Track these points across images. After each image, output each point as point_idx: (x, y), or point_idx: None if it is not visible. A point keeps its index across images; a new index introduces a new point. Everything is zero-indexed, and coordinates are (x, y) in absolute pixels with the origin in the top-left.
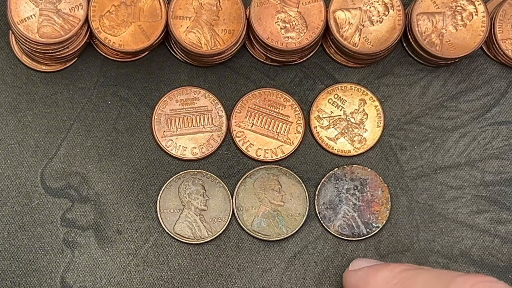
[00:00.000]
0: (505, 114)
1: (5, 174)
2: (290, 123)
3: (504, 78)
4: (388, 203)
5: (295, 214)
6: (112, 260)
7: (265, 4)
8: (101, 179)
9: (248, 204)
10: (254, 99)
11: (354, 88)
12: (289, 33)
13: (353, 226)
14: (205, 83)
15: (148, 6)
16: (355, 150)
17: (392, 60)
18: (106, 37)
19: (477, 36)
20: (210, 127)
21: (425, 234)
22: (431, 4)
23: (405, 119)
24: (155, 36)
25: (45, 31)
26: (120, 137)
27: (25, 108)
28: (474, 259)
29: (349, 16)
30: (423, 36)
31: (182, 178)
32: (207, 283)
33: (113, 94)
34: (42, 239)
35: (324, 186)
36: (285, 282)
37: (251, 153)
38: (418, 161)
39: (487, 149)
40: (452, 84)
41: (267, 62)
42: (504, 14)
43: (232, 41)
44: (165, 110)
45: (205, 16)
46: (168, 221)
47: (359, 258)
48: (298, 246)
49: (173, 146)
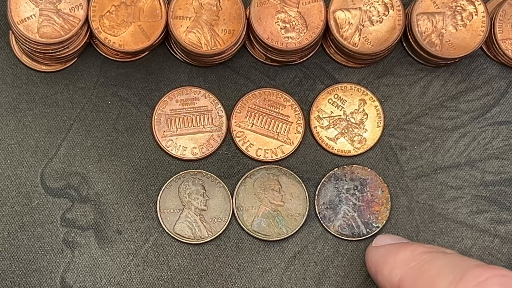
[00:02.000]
0: (505, 114)
1: (5, 174)
2: (290, 123)
3: (504, 78)
4: (388, 203)
5: (295, 214)
6: (112, 260)
7: (265, 4)
8: (101, 179)
9: (248, 204)
10: (254, 99)
11: (354, 88)
12: (289, 33)
13: (353, 226)
14: (205, 83)
15: (148, 6)
16: (355, 150)
17: (392, 60)
18: (106, 37)
19: (477, 36)
20: (210, 127)
21: (425, 234)
22: (431, 4)
23: (405, 119)
24: (155, 36)
25: (45, 31)
26: (120, 137)
27: (25, 108)
28: (474, 259)
29: (349, 16)
30: (423, 36)
31: (182, 178)
32: (207, 283)
33: (113, 94)
34: (42, 239)
35: (324, 186)
36: (285, 282)
37: (251, 153)
38: (418, 161)
39: (487, 149)
40: (452, 84)
41: (267, 62)
42: (504, 14)
43: (232, 41)
44: (165, 110)
45: (205, 16)
46: (168, 221)
47: (384, 234)
48: (298, 246)
49: (173, 146)
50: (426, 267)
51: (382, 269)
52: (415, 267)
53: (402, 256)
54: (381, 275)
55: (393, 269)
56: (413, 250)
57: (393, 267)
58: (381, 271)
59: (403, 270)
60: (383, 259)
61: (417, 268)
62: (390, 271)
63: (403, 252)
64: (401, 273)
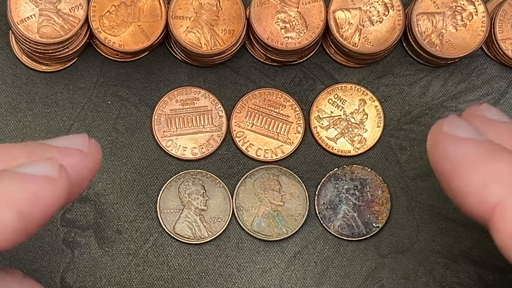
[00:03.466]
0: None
1: None
2: (290, 123)
3: (504, 78)
4: (388, 203)
5: (295, 214)
6: (112, 260)
7: (265, 4)
8: (101, 179)
9: (248, 204)
10: (254, 99)
11: (354, 88)
12: (289, 33)
13: (353, 226)
14: (205, 83)
15: (148, 6)
16: (355, 150)
17: (392, 60)
18: (106, 37)
19: (477, 36)
20: (210, 127)
21: (425, 234)
22: (431, 4)
23: (405, 119)
24: (155, 36)
25: (45, 31)
26: (120, 137)
27: (25, 108)
28: (474, 259)
29: (349, 16)
30: (423, 36)
31: (182, 178)
32: (207, 283)
33: (113, 94)
34: (42, 239)
35: (324, 186)
36: (285, 282)
37: (251, 153)
38: (418, 161)
39: None
40: (452, 84)
41: (267, 62)
42: (504, 14)
43: (232, 41)
44: (165, 110)
45: (205, 16)
46: (168, 221)
47: (459, 120)
48: (298, 246)
49: (173, 146)
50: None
51: (468, 174)
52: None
53: (500, 169)
54: (464, 181)
55: (488, 184)
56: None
57: (489, 181)
58: (467, 176)
59: (503, 191)
60: (469, 161)
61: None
62: (483, 184)
63: (502, 164)
64: (502, 194)
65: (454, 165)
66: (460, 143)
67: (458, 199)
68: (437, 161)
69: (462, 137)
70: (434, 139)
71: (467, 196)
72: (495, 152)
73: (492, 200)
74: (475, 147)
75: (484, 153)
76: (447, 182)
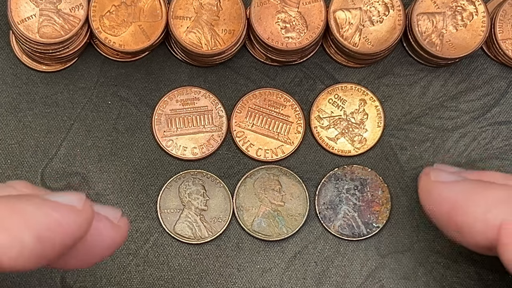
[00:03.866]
0: (505, 114)
1: (5, 174)
2: (290, 123)
3: (504, 78)
4: (388, 203)
5: (295, 214)
6: (112, 260)
7: (265, 4)
8: (101, 179)
9: (248, 204)
10: (254, 99)
11: (354, 88)
12: (289, 33)
13: (353, 226)
14: (205, 83)
15: (148, 6)
16: (355, 150)
17: (392, 60)
18: (106, 37)
19: (477, 36)
20: (210, 127)
21: (425, 234)
22: (431, 4)
23: (405, 119)
24: (155, 36)
25: (45, 31)
26: (120, 137)
27: (25, 108)
28: (474, 259)
29: (349, 16)
30: (423, 36)
31: (182, 178)
32: (207, 283)
33: (113, 94)
34: None
35: (324, 186)
36: (285, 282)
37: (251, 153)
38: (418, 161)
39: (487, 149)
40: (452, 84)
41: (267, 62)
42: (504, 14)
43: (232, 41)
44: (165, 110)
45: (206, 16)
46: (168, 221)
47: (441, 166)
48: (298, 246)
49: (173, 146)
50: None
51: (468, 207)
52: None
53: (497, 195)
54: (466, 213)
55: (489, 209)
56: (506, 189)
57: (489, 206)
58: (468, 209)
59: (505, 211)
60: (467, 195)
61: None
62: (485, 211)
63: (497, 191)
64: (505, 213)
65: (453, 203)
66: (453, 184)
67: (462, 232)
68: (434, 206)
69: (452, 180)
70: (426, 189)
71: (473, 226)
72: (486, 184)
73: (496, 221)
74: (468, 184)
75: (477, 186)
76: (447, 221)
